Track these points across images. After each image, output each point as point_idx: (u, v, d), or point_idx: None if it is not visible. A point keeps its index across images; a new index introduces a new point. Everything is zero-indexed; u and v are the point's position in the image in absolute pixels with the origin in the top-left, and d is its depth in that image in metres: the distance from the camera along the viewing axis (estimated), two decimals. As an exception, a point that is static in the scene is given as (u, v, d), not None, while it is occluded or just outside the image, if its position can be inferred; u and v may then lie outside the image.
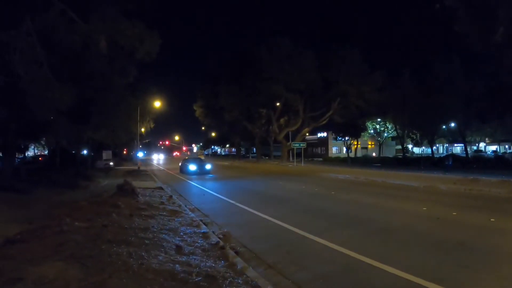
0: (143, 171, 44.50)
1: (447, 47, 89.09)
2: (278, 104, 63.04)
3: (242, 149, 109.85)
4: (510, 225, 12.18)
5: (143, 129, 55.30)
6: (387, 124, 75.63)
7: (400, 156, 68.03)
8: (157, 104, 50.03)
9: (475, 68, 50.16)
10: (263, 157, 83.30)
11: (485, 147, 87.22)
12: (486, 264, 8.13)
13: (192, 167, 40.04)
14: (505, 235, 10.70)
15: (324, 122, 64.93)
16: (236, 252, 8.83)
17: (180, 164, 45.71)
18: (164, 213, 13.44)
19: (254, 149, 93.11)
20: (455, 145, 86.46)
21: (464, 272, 7.60)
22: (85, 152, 51.43)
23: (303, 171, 44.05)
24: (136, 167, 48.46)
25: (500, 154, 64.31)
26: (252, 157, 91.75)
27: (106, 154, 54.88)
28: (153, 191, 21.59)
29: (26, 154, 64.80)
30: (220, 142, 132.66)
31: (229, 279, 6.69)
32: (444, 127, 65.45)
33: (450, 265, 8.04)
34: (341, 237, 10.55)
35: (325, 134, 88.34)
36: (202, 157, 68.84)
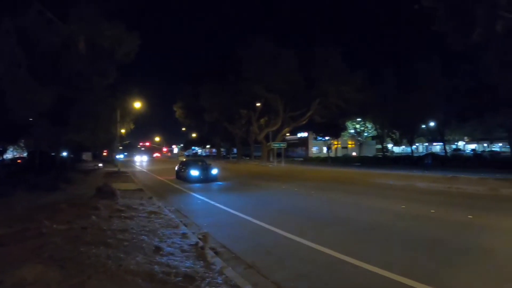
0: (124, 173, 41.79)
1: (427, 47, 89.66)
2: (258, 104, 63.10)
3: (223, 149, 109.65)
4: (487, 221, 12.49)
5: (123, 130, 54.92)
6: (367, 124, 76.15)
7: (380, 155, 68.55)
8: (138, 105, 49.54)
9: (455, 67, 50.69)
10: (244, 157, 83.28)
11: (464, 145, 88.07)
12: (463, 260, 8.36)
13: (194, 172, 30.61)
14: (482, 232, 10.97)
15: (304, 122, 65.14)
16: (216, 253, 8.90)
17: (176, 168, 36.18)
18: (144, 214, 13.45)
19: (235, 149, 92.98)
20: (435, 144, 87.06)
21: (442, 268, 7.81)
22: (65, 154, 50.98)
23: (284, 171, 44.06)
24: (116, 169, 47.32)
25: (479, 152, 65.01)
26: (232, 157, 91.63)
27: (86, 156, 54.46)
28: (133, 192, 21.53)
29: (4, 157, 64.04)
30: (201, 143, 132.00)
31: (208, 279, 6.77)
32: (423, 126, 65.94)
33: (428, 262, 8.24)
34: (322, 236, 10.72)
35: (305, 134, 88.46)
36: (183, 158, 67.15)
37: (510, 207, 15.86)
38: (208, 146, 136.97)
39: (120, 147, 66.77)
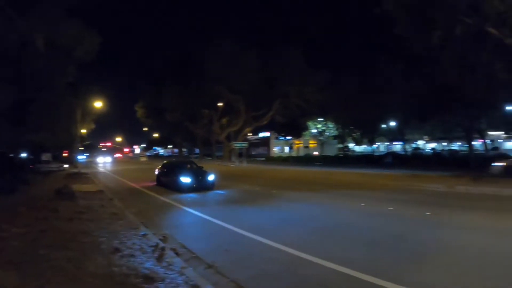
0: (84, 174, 39.52)
1: (389, 48, 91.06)
2: (220, 104, 63.12)
3: (185, 150, 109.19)
4: (443, 217, 12.91)
5: (84, 130, 54.23)
6: (329, 124, 76.85)
7: (342, 155, 69.30)
8: (99, 104, 48.81)
9: (416, 69, 51.62)
10: (206, 157, 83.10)
11: (424, 145, 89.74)
12: (421, 255, 8.62)
13: (185, 179, 23.23)
14: (438, 227, 11.34)
15: (265, 122, 65.44)
16: (176, 253, 8.91)
17: (157, 173, 28.74)
18: (104, 216, 13.34)
19: (197, 149, 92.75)
20: (395, 143, 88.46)
21: (401, 264, 8.04)
22: (24, 155, 49.96)
23: (246, 170, 44.18)
24: (77, 170, 45.94)
25: (438, 151, 66.38)
26: (194, 158, 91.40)
27: (45, 157, 53.26)
28: (94, 194, 21.27)
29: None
30: (163, 143, 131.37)
31: (168, 280, 6.79)
32: (384, 126, 66.95)
33: (386, 258, 8.48)
34: (283, 235, 10.87)
35: (268, 133, 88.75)
36: (145, 159, 66.13)
37: (464, 203, 16.32)
38: (170, 146, 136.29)
39: (81, 148, 65.72)
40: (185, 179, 23.14)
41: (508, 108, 53.29)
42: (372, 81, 53.02)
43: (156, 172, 28.90)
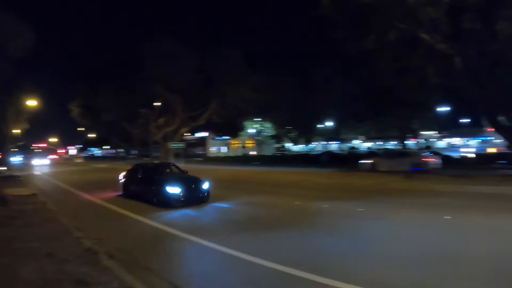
0: (17, 177, 36.58)
1: (327, 50, 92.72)
2: (157, 104, 62.41)
3: (122, 150, 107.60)
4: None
5: (18, 131, 52.49)
6: (266, 124, 77.54)
7: (279, 154, 70.06)
8: (33, 103, 47.23)
9: (352, 71, 52.80)
10: (143, 158, 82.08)
11: (360, 144, 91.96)
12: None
13: (174, 189, 17.03)
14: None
15: (203, 122, 65.21)
16: (111, 256, 8.76)
17: (122, 179, 21.71)
18: (38, 220, 12.98)
19: (135, 150, 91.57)
20: (332, 142, 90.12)
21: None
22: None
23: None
24: (9, 173, 43.42)
25: (374, 150, 68.15)
26: (131, 158, 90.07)
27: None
28: (27, 197, 20.62)
29: None
30: (99, 143, 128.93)
31: (102, 284, 6.70)
32: (321, 125, 68.23)
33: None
34: (218, 235, 11.06)
35: (206, 133, 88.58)
36: (81, 160, 64.08)
37: (389, 197, 17.98)
38: (107, 147, 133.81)
39: (15, 149, 63.59)
40: (173, 189, 16.88)
41: (440, 109, 55.53)
42: (309, 82, 53.91)
43: (121, 179, 21.83)
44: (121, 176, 21.92)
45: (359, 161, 35.16)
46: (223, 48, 56.57)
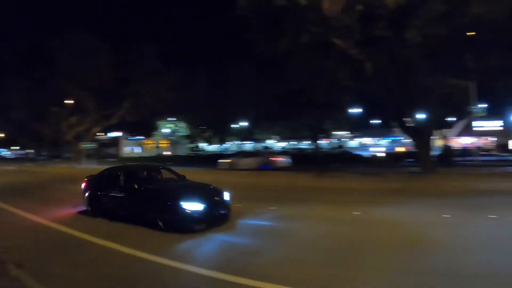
0: None
1: (242, 51, 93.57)
2: (69, 102, 60.47)
3: (31, 151, 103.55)
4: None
5: None
6: (180, 124, 77.27)
7: (193, 154, 70.02)
8: None
9: (267, 72, 53.48)
10: (55, 159, 79.43)
11: (274, 144, 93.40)
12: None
13: (194, 205, 11.39)
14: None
15: (116, 121, 63.95)
16: (18, 266, 8.12)
17: (88, 190, 15.23)
18: None
19: (45, 151, 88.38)
20: (246, 142, 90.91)
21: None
22: None
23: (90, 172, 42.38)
24: None
25: (287, 149, 69.48)
26: (42, 159, 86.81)
27: None
28: None
29: None
30: (7, 143, 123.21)
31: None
32: (236, 125, 68.79)
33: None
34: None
35: (120, 133, 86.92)
36: None
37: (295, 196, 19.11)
38: (17, 148, 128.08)
39: None
40: (193, 205, 11.40)
41: (352, 110, 57.62)
42: (225, 82, 54.20)
43: (85, 188, 15.47)
44: (84, 185, 15.58)
45: (218, 160, 40.79)
46: (138, 45, 55.70)
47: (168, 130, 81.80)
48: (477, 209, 13.70)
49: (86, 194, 14.98)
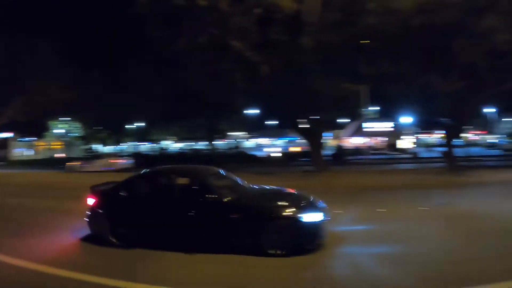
0: None
1: (139, 50, 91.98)
2: None
3: None
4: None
5: None
6: (74, 124, 74.93)
7: (88, 156, 68.25)
8: None
9: (164, 72, 53.10)
10: None
11: (171, 144, 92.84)
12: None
13: (315, 216, 8.23)
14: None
15: (6, 121, 60.75)
16: None
17: (104, 212, 9.15)
18: None
19: None
20: (142, 143, 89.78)
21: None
22: None
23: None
24: None
25: (184, 150, 69.50)
26: None
27: None
28: None
29: None
30: None
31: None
32: (131, 126, 67.79)
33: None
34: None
35: (10, 134, 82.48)
36: None
37: None
38: None
39: None
40: (313, 216, 8.27)
41: (248, 111, 58.65)
42: (120, 82, 53.12)
43: (97, 205, 9.37)
44: (93, 201, 9.38)
45: (66, 163, 42.00)
46: (30, 39, 53.01)
47: (61, 131, 78.67)
48: (366, 204, 14.26)
49: (101, 212, 9.28)
